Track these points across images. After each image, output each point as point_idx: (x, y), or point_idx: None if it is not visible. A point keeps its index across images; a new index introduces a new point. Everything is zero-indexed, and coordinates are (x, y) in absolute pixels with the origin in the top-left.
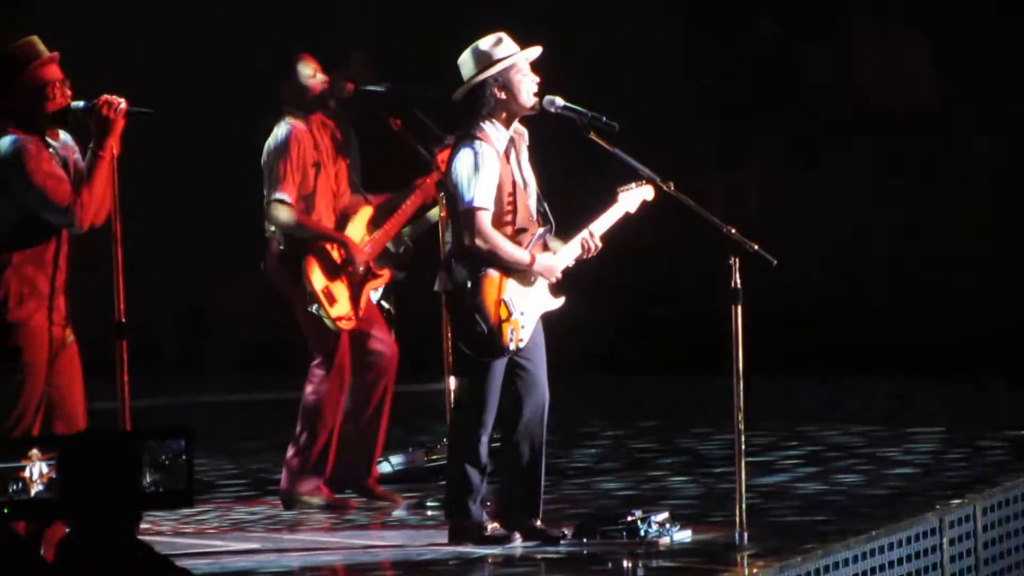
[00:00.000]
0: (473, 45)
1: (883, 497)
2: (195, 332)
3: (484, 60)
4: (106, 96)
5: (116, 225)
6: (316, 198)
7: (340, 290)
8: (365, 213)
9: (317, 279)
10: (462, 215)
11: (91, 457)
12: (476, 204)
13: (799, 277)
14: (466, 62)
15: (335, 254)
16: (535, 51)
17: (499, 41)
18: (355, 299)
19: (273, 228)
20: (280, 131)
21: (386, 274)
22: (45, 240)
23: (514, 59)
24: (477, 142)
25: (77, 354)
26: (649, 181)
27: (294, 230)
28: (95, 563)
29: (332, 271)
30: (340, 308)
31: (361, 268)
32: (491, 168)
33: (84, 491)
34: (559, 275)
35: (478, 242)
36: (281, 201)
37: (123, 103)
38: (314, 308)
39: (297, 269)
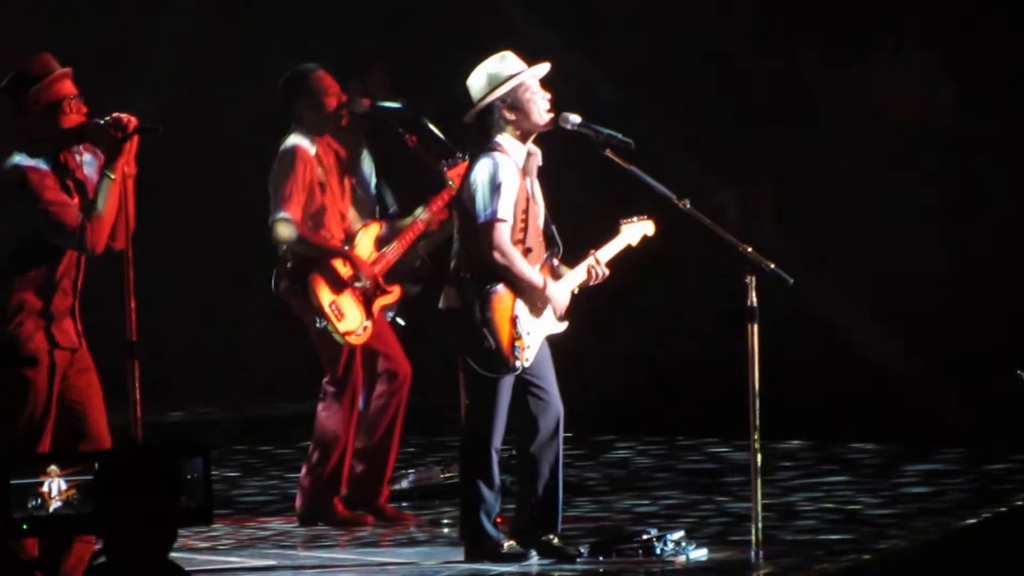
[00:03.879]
0: (479, 66)
1: (898, 516)
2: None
3: (491, 81)
4: (116, 115)
5: (128, 245)
6: (324, 217)
7: (348, 305)
8: (372, 230)
9: (324, 294)
10: (481, 227)
11: (132, 473)
12: (496, 216)
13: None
14: (473, 84)
15: (342, 269)
16: (543, 68)
17: (503, 59)
18: (365, 314)
19: (284, 247)
20: (286, 150)
21: (396, 291)
22: (46, 264)
23: (521, 77)
24: (496, 154)
25: (95, 375)
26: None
27: (298, 247)
28: None
29: (338, 286)
30: (349, 323)
31: (369, 283)
32: (511, 180)
33: (123, 508)
34: (566, 303)
35: (496, 255)
36: (284, 220)
37: (133, 121)
38: (322, 324)
39: (305, 286)
